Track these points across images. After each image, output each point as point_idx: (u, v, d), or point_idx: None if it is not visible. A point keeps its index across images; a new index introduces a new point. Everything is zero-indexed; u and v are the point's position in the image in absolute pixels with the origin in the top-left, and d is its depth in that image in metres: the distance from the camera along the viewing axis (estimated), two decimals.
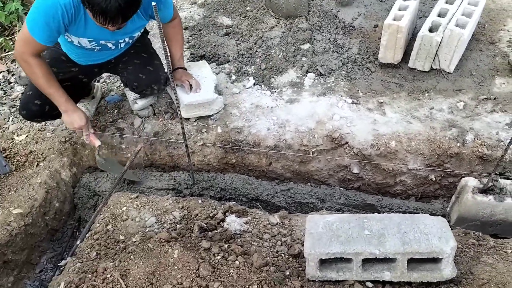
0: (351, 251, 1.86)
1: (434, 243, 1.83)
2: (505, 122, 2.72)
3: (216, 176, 2.80)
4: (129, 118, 2.98)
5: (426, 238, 1.87)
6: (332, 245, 1.89)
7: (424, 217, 2.01)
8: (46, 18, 2.18)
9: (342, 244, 1.88)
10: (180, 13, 3.97)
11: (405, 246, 1.84)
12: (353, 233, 1.93)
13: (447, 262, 1.85)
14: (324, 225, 2.00)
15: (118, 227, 2.31)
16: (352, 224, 1.99)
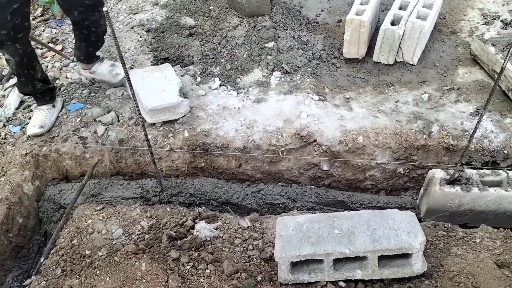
0: (322, 252, 1.84)
1: (403, 238, 1.84)
2: (469, 112, 2.76)
3: (185, 181, 2.74)
4: (92, 126, 2.88)
5: (395, 234, 1.87)
6: (302, 247, 1.87)
7: (393, 212, 2.02)
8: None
9: (312, 246, 1.87)
10: (142, 15, 3.90)
11: (375, 243, 1.84)
12: (323, 233, 1.92)
13: (417, 257, 1.85)
14: (294, 226, 1.98)
15: (84, 241, 2.24)
16: (322, 224, 1.97)
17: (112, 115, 2.90)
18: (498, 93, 2.88)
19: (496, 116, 2.73)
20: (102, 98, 3.10)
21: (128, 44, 3.57)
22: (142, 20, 3.81)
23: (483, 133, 2.62)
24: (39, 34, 3.84)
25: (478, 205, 2.32)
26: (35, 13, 4.20)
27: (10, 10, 2.40)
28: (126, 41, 3.60)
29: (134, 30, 3.72)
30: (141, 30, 3.70)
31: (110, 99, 3.07)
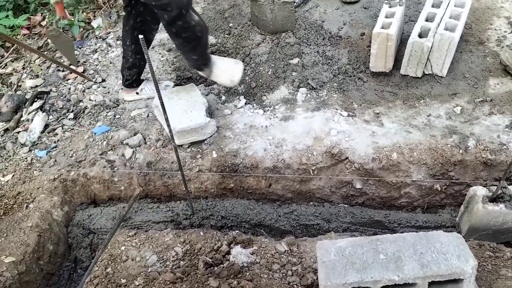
0: (369, 279, 1.77)
1: (453, 263, 1.76)
2: (504, 124, 2.68)
3: (215, 203, 2.69)
4: (120, 149, 2.86)
5: (444, 258, 1.79)
6: (348, 274, 1.80)
7: (438, 234, 1.94)
8: None
9: (358, 272, 1.80)
10: (162, 35, 3.87)
11: (424, 269, 1.76)
12: (368, 259, 1.85)
13: (469, 282, 1.77)
14: (336, 251, 1.91)
15: (118, 269, 2.20)
16: (365, 248, 1.90)
17: (139, 137, 2.87)
18: None
19: None
20: (127, 120, 3.08)
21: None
22: (162, 40, 3.80)
23: None
24: (60, 56, 3.85)
25: None
26: None
27: None
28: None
29: (155, 50, 3.71)
30: (162, 50, 3.69)
31: (136, 120, 3.05)
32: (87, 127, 3.10)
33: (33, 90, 3.53)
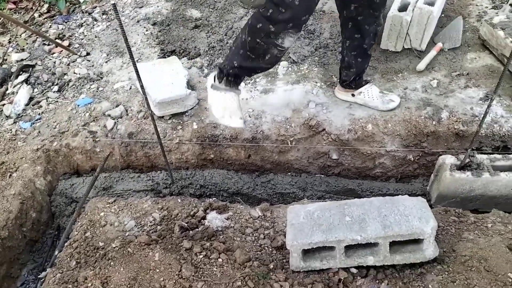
0: (333, 239, 1.85)
1: (414, 224, 1.84)
2: (478, 97, 2.73)
3: (195, 173, 2.76)
4: (102, 121, 2.90)
5: (406, 220, 1.87)
6: (314, 234, 1.87)
7: (404, 198, 2.01)
8: None
9: (324, 233, 1.87)
10: (147, 9, 3.90)
11: (386, 229, 1.84)
12: (334, 221, 1.92)
13: (429, 242, 1.85)
14: (305, 215, 1.99)
15: (97, 233, 2.26)
16: (333, 212, 1.98)
17: (121, 109, 2.92)
18: (508, 77, 2.85)
19: (507, 101, 2.70)
20: (110, 92, 3.11)
21: (135, 38, 3.58)
22: (147, 14, 3.82)
23: (494, 118, 2.60)
24: (46, 30, 3.87)
25: (489, 190, 2.31)
26: (41, 9, 4.22)
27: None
28: (133, 35, 3.61)
29: (140, 24, 3.73)
30: (147, 24, 3.70)
31: (119, 93, 3.08)
32: (71, 99, 3.14)
33: (18, 63, 3.55)
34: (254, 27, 2.09)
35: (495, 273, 1.84)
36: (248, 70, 2.33)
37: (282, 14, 1.97)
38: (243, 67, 2.26)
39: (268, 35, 2.06)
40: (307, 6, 2.00)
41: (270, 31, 2.04)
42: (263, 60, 2.19)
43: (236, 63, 2.25)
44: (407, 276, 1.92)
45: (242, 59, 2.22)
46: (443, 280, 1.85)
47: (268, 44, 2.09)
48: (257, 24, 2.07)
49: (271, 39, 2.07)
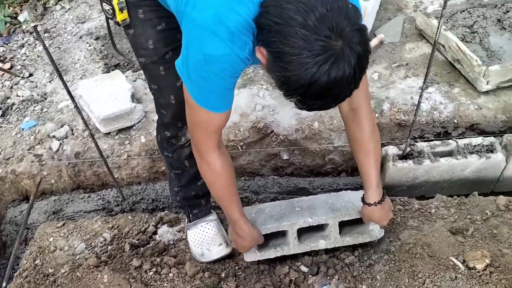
0: (286, 223, 1.92)
1: (360, 205, 1.90)
2: (418, 86, 2.81)
3: (146, 187, 2.73)
4: (47, 143, 2.83)
5: (352, 204, 1.97)
6: (267, 223, 1.94)
7: (348, 192, 2.10)
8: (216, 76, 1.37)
9: (276, 220, 1.94)
10: (90, 23, 3.84)
11: (334, 212, 1.94)
12: (285, 212, 2.01)
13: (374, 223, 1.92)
14: (256, 211, 2.05)
15: (47, 259, 2.21)
16: (283, 207, 2.06)
17: (66, 129, 2.86)
18: (445, 64, 2.95)
19: (445, 87, 2.79)
20: (54, 112, 3.05)
21: (78, 54, 3.52)
22: (90, 29, 3.75)
23: (433, 105, 2.68)
24: None
25: (432, 176, 2.38)
26: None
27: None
28: (76, 52, 3.55)
29: (83, 40, 3.66)
30: (90, 39, 3.64)
31: (63, 112, 3.02)
32: (15, 123, 3.05)
33: None
34: (158, 142, 2.02)
35: (438, 258, 1.90)
36: (192, 186, 2.07)
37: (165, 116, 1.86)
38: (184, 186, 2.06)
39: (168, 141, 1.93)
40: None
41: (167, 136, 1.91)
42: (187, 167, 1.99)
43: (176, 188, 2.08)
44: (356, 269, 1.96)
45: (177, 180, 2.06)
46: (390, 270, 1.90)
47: (175, 150, 1.94)
48: (157, 137, 1.99)
49: (174, 144, 1.93)
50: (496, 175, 2.42)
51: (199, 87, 1.39)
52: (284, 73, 1.17)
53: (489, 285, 1.77)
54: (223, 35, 1.26)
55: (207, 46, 1.28)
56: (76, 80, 3.25)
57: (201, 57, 1.30)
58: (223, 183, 1.68)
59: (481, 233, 2.02)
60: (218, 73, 1.33)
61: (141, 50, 1.72)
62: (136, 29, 1.67)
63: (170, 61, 1.66)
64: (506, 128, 2.68)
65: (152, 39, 1.67)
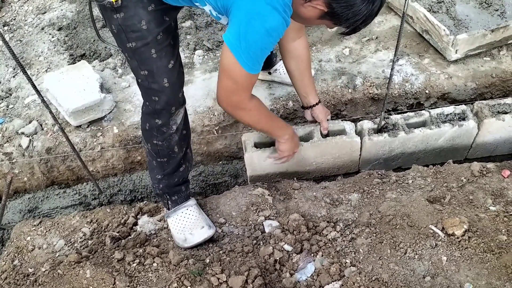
0: None
1: None
2: (389, 59, 2.82)
3: (123, 178, 2.68)
4: (16, 140, 2.74)
5: None
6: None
7: None
8: (273, 43, 1.62)
9: None
10: (51, 14, 3.70)
11: None
12: None
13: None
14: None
15: (26, 259, 2.15)
16: None
17: (35, 125, 2.76)
18: (414, 35, 2.97)
19: (415, 59, 2.81)
20: (21, 108, 2.94)
21: (41, 46, 3.39)
22: (52, 19, 3.61)
23: (404, 77, 2.70)
24: None
25: (408, 147, 2.41)
26: None
27: None
28: (39, 44, 3.42)
29: (45, 31, 3.52)
30: (53, 30, 3.51)
31: (30, 108, 2.92)
32: None
33: None
34: (145, 130, 1.97)
35: (418, 227, 1.93)
36: (176, 173, 2.08)
37: (158, 102, 1.83)
38: (169, 174, 2.06)
39: (159, 130, 1.91)
40: (178, 81, 1.86)
41: (158, 125, 1.89)
42: (176, 153, 2.01)
43: (159, 175, 2.06)
44: (339, 244, 1.98)
45: (160, 168, 2.05)
46: (372, 242, 1.92)
47: (165, 138, 1.94)
48: (145, 125, 1.95)
49: (165, 132, 1.92)
50: (469, 142, 2.47)
51: (256, 56, 1.58)
52: (351, 9, 1.46)
53: (468, 249, 1.82)
54: (280, 8, 1.46)
55: (269, 21, 1.47)
56: (41, 74, 3.14)
57: (264, 31, 1.49)
58: (261, 113, 1.92)
59: (457, 200, 2.07)
60: (274, 41, 1.56)
61: (132, 33, 1.69)
62: (127, 10, 1.65)
63: (161, 43, 1.73)
64: (476, 95, 2.74)
65: (144, 19, 1.67)
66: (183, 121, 1.98)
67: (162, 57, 1.74)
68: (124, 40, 1.72)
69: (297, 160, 2.34)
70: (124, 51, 1.79)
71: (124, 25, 1.67)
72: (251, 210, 2.20)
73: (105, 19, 1.77)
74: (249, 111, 1.83)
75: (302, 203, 2.20)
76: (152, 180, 2.14)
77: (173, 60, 1.79)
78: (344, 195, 2.22)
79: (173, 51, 1.81)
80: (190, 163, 2.17)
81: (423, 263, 1.81)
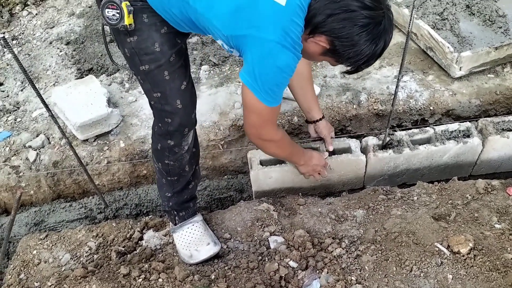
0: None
1: None
2: (393, 76, 2.85)
3: (128, 192, 2.69)
4: (23, 153, 2.76)
5: None
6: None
7: None
8: (287, 78, 1.66)
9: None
10: (59, 28, 3.75)
11: None
12: None
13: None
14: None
15: (32, 273, 2.16)
16: None
17: (42, 138, 2.79)
18: (418, 52, 3.00)
19: (419, 75, 2.84)
20: (29, 122, 2.97)
21: (49, 60, 3.43)
22: (60, 33, 3.67)
23: (409, 94, 2.72)
24: None
25: (413, 164, 2.42)
26: None
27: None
28: (46, 58, 3.46)
29: (53, 45, 3.57)
30: (60, 44, 3.56)
31: (38, 121, 2.95)
32: None
33: None
34: (156, 150, 1.98)
35: (423, 245, 1.93)
36: (185, 190, 2.11)
37: (171, 124, 1.84)
38: (178, 192, 2.08)
39: (171, 150, 1.92)
40: (191, 102, 1.87)
41: (170, 145, 1.91)
42: (186, 172, 2.04)
43: (169, 193, 2.09)
44: (344, 261, 1.98)
45: (170, 186, 2.07)
46: (377, 260, 1.93)
47: (177, 159, 1.95)
48: (157, 146, 1.96)
49: (177, 153, 1.94)
50: (473, 159, 2.48)
51: (273, 92, 1.63)
52: (353, 49, 1.51)
53: (474, 268, 1.82)
54: (289, 45, 1.51)
55: (281, 59, 1.52)
56: (49, 87, 3.18)
57: (277, 69, 1.55)
58: (286, 143, 2.00)
59: (463, 217, 2.07)
60: (288, 76, 1.61)
61: (146, 56, 1.71)
62: (141, 33, 1.67)
63: (174, 64, 1.75)
64: (481, 112, 2.75)
65: (158, 42, 1.69)
66: (193, 140, 2.01)
67: (175, 79, 1.76)
68: (138, 63, 1.74)
69: (302, 177, 2.36)
70: (137, 74, 1.81)
71: (138, 48, 1.69)
72: (256, 226, 2.21)
73: (118, 43, 1.79)
74: (277, 142, 1.91)
75: (307, 219, 2.21)
76: (161, 198, 2.16)
77: (186, 81, 1.81)
78: (349, 211, 2.22)
79: (185, 72, 1.83)
80: (198, 179, 2.20)
81: (429, 281, 1.81)
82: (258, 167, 2.33)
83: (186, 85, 1.82)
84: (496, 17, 3.00)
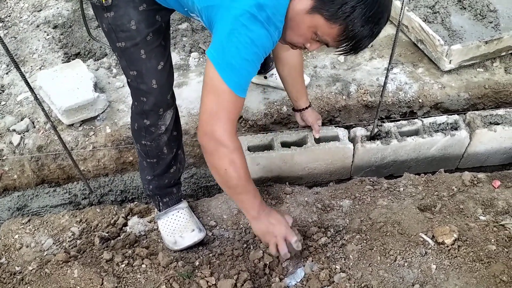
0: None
1: None
2: (383, 67, 2.84)
3: (114, 178, 2.66)
4: (7, 137, 2.71)
5: None
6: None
7: None
8: (257, 56, 1.48)
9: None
10: (47, 11, 3.68)
11: None
12: None
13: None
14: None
15: (13, 257, 2.13)
16: None
17: (26, 122, 2.74)
18: (409, 44, 2.99)
19: (409, 68, 2.83)
20: (14, 105, 2.91)
21: (36, 44, 3.37)
22: (47, 17, 3.60)
23: (398, 86, 2.72)
24: None
25: (400, 155, 2.43)
26: None
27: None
28: (33, 41, 3.40)
29: (40, 28, 3.51)
30: (48, 28, 3.49)
31: (23, 105, 2.89)
32: None
33: None
34: (134, 130, 1.95)
35: (408, 235, 1.94)
36: (166, 174, 2.05)
37: (146, 103, 1.80)
38: (158, 175, 2.04)
39: (147, 130, 1.88)
40: (167, 83, 1.83)
41: (146, 125, 1.87)
42: (165, 154, 1.98)
43: (149, 176, 2.04)
44: (329, 250, 1.98)
45: (150, 169, 2.03)
46: (362, 249, 1.92)
47: (154, 139, 1.90)
48: (134, 125, 1.93)
49: (153, 133, 1.89)
50: (461, 152, 2.49)
51: (238, 70, 1.45)
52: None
53: (457, 258, 1.83)
54: (263, 20, 1.39)
55: (252, 30, 1.39)
56: (35, 71, 3.12)
57: (247, 40, 1.40)
58: (243, 164, 1.60)
59: (448, 208, 2.08)
60: (258, 51, 1.44)
61: (122, 32, 1.67)
62: (118, 10, 1.63)
63: (151, 43, 1.70)
64: (469, 105, 2.76)
65: (134, 19, 1.64)
66: (173, 122, 1.95)
67: (151, 58, 1.72)
68: (114, 39, 1.71)
69: (290, 165, 2.34)
70: (114, 50, 1.78)
71: (114, 24, 1.66)
72: (242, 214, 2.19)
73: (97, 18, 1.76)
74: (231, 152, 1.55)
75: (293, 208, 2.20)
76: (142, 181, 2.13)
77: (163, 61, 1.77)
78: (335, 201, 2.22)
79: (164, 52, 1.79)
80: (181, 164, 2.15)
81: (413, 271, 1.81)
82: (246, 152, 2.31)
83: (164, 66, 1.77)
84: (487, 11, 3.01)
